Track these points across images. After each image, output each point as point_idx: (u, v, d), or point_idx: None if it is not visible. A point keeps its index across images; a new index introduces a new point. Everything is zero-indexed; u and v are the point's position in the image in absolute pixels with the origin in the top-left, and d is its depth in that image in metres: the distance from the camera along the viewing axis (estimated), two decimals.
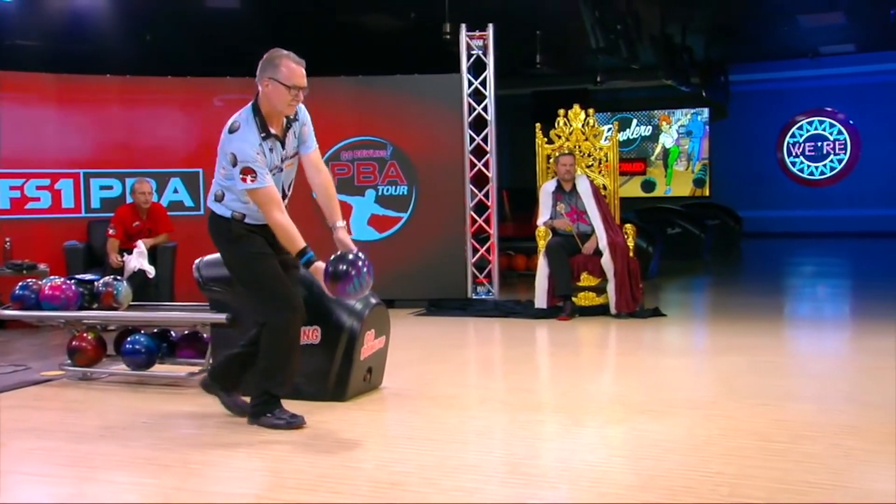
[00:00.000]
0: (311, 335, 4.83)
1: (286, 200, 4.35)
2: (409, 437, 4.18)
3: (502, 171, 9.56)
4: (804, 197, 18.40)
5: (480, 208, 9.14)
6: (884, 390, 5.10)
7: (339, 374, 4.85)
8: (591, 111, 8.55)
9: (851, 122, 18.18)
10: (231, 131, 4.18)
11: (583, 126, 8.47)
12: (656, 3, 12.14)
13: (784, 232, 17.57)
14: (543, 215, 8.16)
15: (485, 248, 9.09)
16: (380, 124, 8.88)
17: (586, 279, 7.96)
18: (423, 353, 6.54)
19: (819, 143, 18.48)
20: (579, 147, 8.46)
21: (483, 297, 9.01)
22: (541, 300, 7.99)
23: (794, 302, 9.90)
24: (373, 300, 5.01)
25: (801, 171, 18.75)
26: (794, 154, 18.77)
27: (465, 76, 8.86)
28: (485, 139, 8.99)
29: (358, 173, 8.84)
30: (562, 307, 7.89)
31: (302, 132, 4.35)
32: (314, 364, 4.78)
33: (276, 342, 4.27)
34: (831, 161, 18.40)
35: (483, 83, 8.93)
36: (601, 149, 8.48)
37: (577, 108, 8.54)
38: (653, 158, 19.08)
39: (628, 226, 8.19)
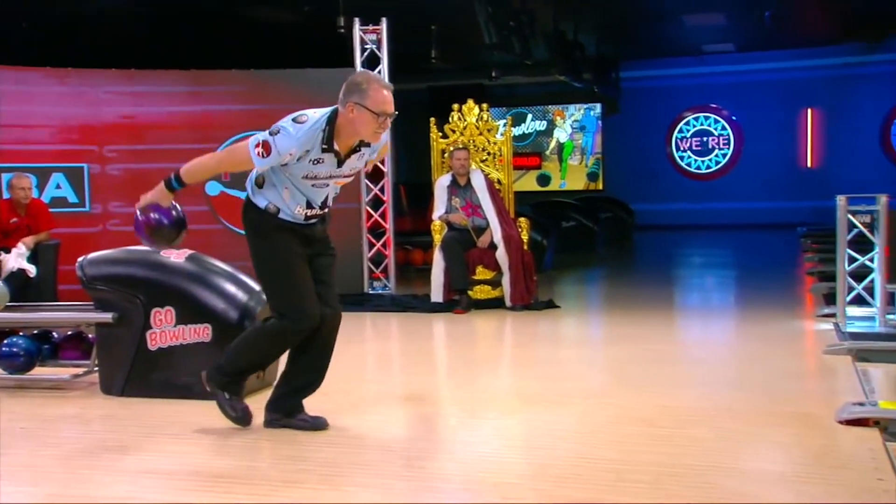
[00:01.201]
0: (201, 333, 4.74)
1: (325, 210, 4.07)
2: (304, 434, 4.14)
3: (399, 166, 9.57)
4: (692, 190, 19.01)
5: (377, 203, 9.12)
6: (762, 374, 5.34)
7: None
8: (485, 106, 8.63)
9: (734, 118, 18.89)
10: (296, 120, 3.85)
11: (477, 121, 8.54)
12: (549, 1, 12.34)
13: (674, 224, 18.11)
14: (438, 210, 8.20)
15: (381, 242, 9.08)
16: (273, 118, 8.63)
17: (482, 273, 8.04)
18: None
19: (705, 139, 19.14)
20: (474, 142, 8.53)
21: (380, 291, 9.00)
22: (437, 294, 8.03)
23: (683, 292, 10.23)
24: (264, 296, 4.94)
25: (689, 165, 19.37)
26: (682, 149, 19.38)
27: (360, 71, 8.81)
28: None
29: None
30: (458, 301, 7.95)
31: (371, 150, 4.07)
32: (205, 363, 4.65)
33: (268, 344, 4.11)
34: (716, 155, 19.07)
35: None
36: (495, 143, 8.57)
37: (471, 102, 8.61)
38: (548, 153, 19.39)
39: (522, 219, 8.30)
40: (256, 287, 4.98)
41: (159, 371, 4.82)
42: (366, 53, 8.88)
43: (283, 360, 4.22)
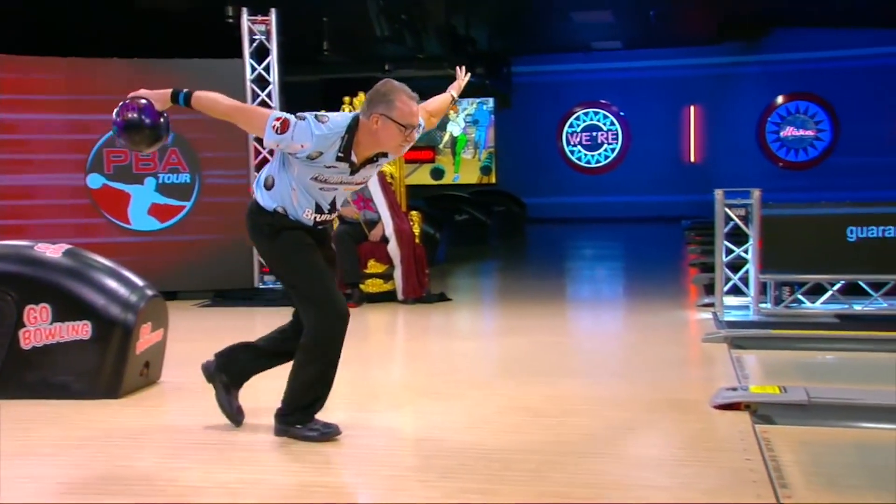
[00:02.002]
0: (80, 330, 4.58)
1: (333, 216, 3.91)
2: (190, 433, 4.06)
3: None
4: (582, 184, 19.44)
5: None
6: (645, 363, 5.51)
7: (113, 369, 4.62)
8: None
9: (622, 113, 19.40)
10: (318, 119, 3.66)
11: None
12: None
13: (565, 217, 18.48)
14: None
15: None
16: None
17: (373, 266, 8.02)
18: (207, 346, 6.22)
19: (594, 133, 19.59)
20: None
21: (271, 286, 8.87)
22: None
23: (574, 284, 10.46)
24: (149, 292, 4.82)
25: (580, 159, 19.78)
26: (572, 143, 19.78)
27: (248, 62, 8.65)
28: None
29: (136, 160, 8.41)
30: (350, 295, 7.91)
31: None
32: (84, 361, 4.55)
33: (321, 353, 3.80)
34: (605, 150, 19.55)
35: (267, 69, 8.76)
36: None
37: (362, 95, 8.53)
38: (441, 146, 19.49)
39: (414, 213, 8.33)
40: (140, 282, 4.86)
41: (34, 371, 4.63)
42: (255, 44, 8.72)
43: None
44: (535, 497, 3.19)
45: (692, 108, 18.85)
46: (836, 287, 6.82)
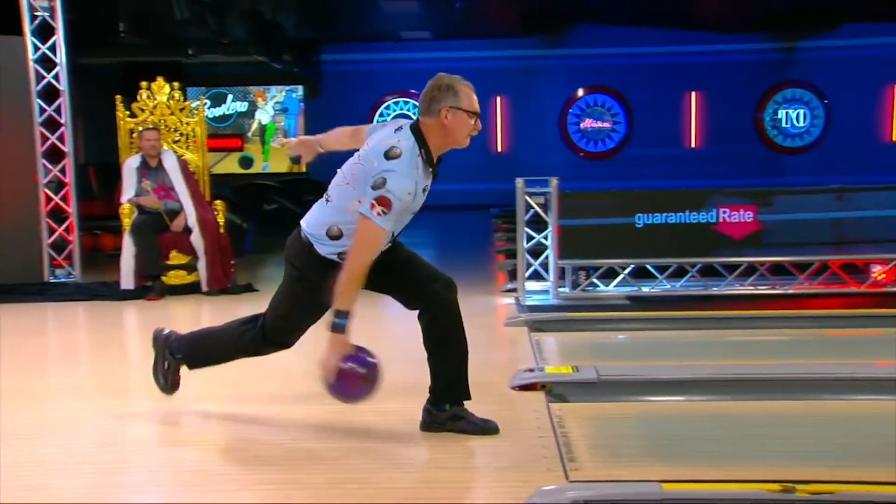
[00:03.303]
0: None
1: (390, 244, 3.78)
2: None
3: (89, 147, 8.94)
4: None
5: (59, 185, 8.47)
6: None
7: None
8: (176, 84, 8.29)
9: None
10: (388, 157, 3.47)
11: (168, 100, 8.20)
12: None
13: None
14: (127, 192, 7.79)
15: (63, 227, 8.45)
16: None
17: (176, 257, 7.75)
18: None
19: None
20: (165, 122, 8.18)
21: (63, 280, 8.39)
22: (127, 281, 7.63)
23: None
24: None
25: None
26: None
27: (31, 40, 8.10)
28: (58, 110, 8.32)
29: None
30: (151, 287, 7.61)
31: None
32: None
33: (236, 348, 3.99)
34: None
35: (53, 49, 8.23)
36: (189, 124, 8.28)
37: (161, 80, 8.24)
38: (250, 135, 19.05)
39: (218, 202, 8.12)
40: None
41: None
42: (37, 22, 8.16)
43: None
44: (335, 484, 3.20)
45: (498, 98, 19.37)
46: (626, 271, 7.24)
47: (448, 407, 3.78)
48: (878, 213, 7.05)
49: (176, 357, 4.12)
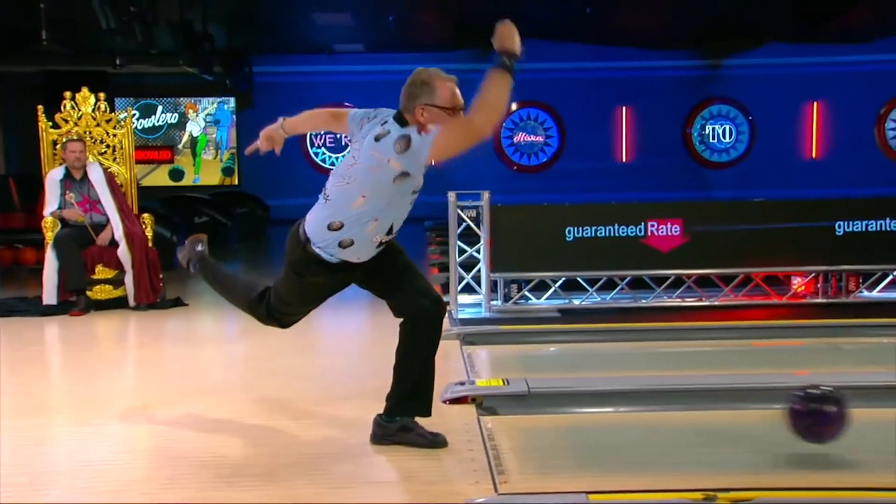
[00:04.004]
0: None
1: (391, 236, 3.69)
2: None
3: (10, 158, 8.69)
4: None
5: None
6: (382, 362, 5.59)
7: None
8: (101, 95, 8.11)
9: None
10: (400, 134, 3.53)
11: (94, 111, 8.02)
12: None
13: None
14: (50, 205, 7.59)
15: None
16: None
17: (102, 271, 7.58)
18: None
19: (338, 135, 19.68)
20: (90, 133, 8.00)
21: None
22: (50, 296, 7.43)
23: None
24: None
25: (324, 161, 19.80)
26: (316, 145, 19.74)
27: None
28: None
29: None
30: (75, 302, 7.42)
31: None
32: None
33: (242, 300, 4.07)
34: (349, 152, 19.69)
35: None
36: (115, 135, 8.11)
37: (85, 91, 8.06)
38: (180, 147, 18.75)
39: (146, 215, 7.96)
40: None
41: None
42: None
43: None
44: (262, 499, 3.16)
45: None
46: (558, 284, 7.31)
47: (398, 418, 3.76)
48: (799, 225, 7.26)
49: (193, 270, 4.27)
